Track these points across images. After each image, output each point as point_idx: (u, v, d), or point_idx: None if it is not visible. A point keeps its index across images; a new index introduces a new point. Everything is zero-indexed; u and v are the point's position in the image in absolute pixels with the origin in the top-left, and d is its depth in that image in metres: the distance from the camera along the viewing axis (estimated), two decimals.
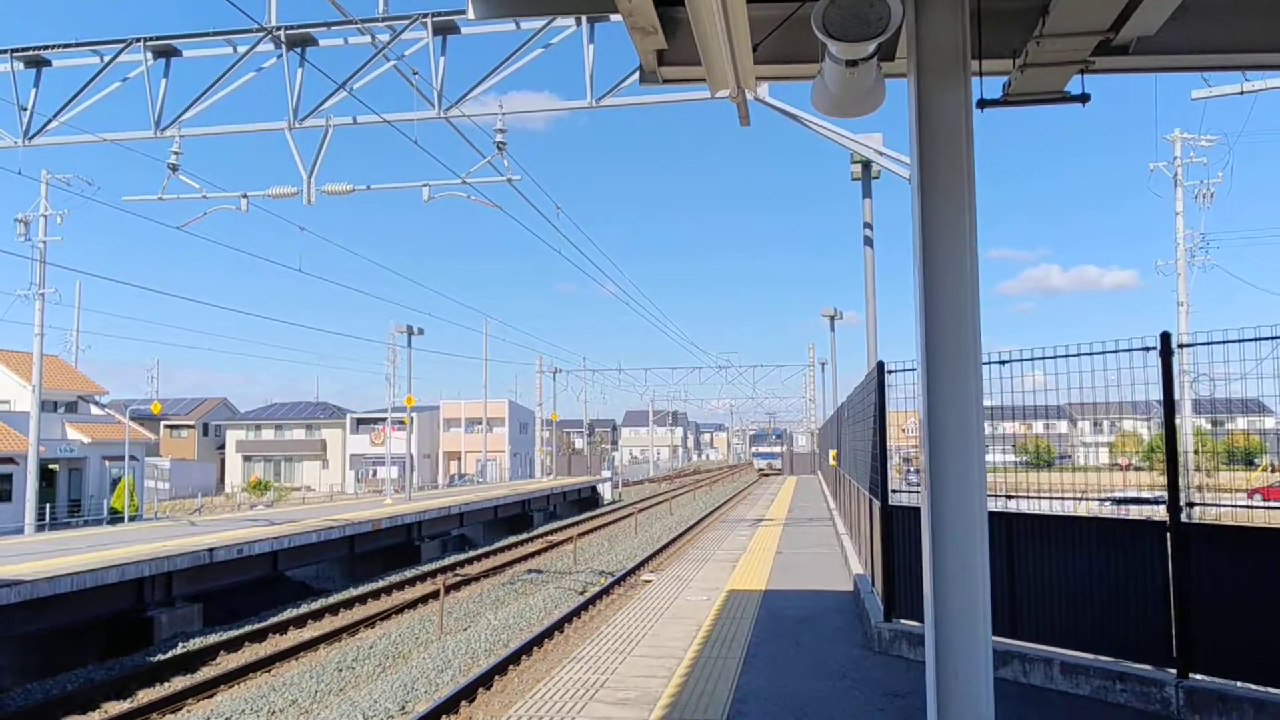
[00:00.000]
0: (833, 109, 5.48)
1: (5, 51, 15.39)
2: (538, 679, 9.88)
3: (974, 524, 4.75)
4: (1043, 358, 8.17)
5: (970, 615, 4.68)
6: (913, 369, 9.50)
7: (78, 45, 15.10)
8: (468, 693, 11.57)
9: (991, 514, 8.31)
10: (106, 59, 14.88)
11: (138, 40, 14.71)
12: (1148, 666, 7.14)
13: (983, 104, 5.45)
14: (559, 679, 8.14)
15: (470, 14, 6.07)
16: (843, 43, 4.67)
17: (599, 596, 18.86)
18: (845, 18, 4.60)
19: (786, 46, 5.44)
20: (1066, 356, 8.06)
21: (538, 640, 14.64)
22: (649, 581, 16.48)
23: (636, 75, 12.77)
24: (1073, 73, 5.25)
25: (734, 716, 6.96)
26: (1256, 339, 7.00)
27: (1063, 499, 9.32)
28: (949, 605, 4.71)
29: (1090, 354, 7.81)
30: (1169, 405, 7.27)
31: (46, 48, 15.24)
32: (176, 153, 15.88)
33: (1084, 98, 5.45)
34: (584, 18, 13.38)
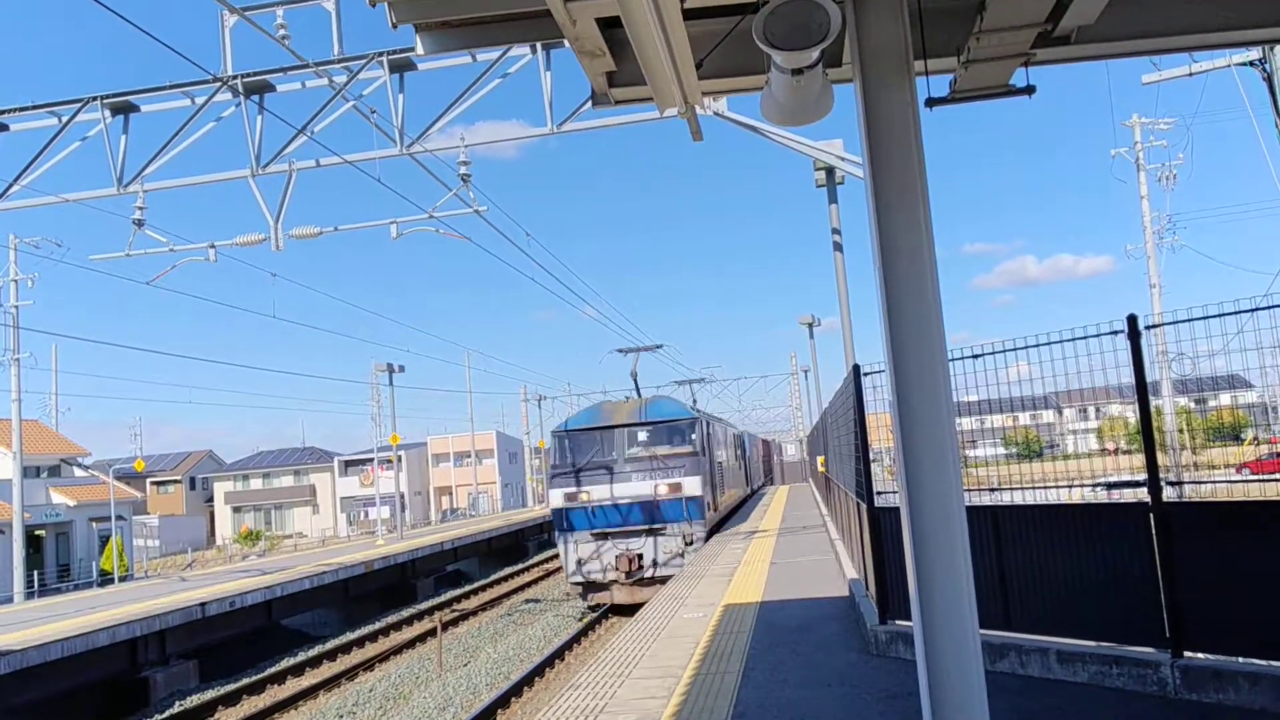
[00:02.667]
0: (782, 118, 5.52)
1: None
2: (539, 708, 9.80)
3: (953, 519, 4.76)
4: (1014, 349, 8.23)
5: (956, 611, 4.68)
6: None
7: (35, 108, 15.07)
8: None
9: (978, 508, 8.40)
10: (64, 119, 14.85)
11: (95, 99, 14.69)
12: (1142, 649, 7.15)
13: (931, 102, 5.51)
14: (560, 706, 8.09)
15: (419, 50, 6.09)
16: (786, 52, 4.71)
17: (597, 621, 18.76)
18: (787, 27, 4.65)
19: (732, 60, 5.49)
20: (1038, 346, 8.11)
21: (539, 670, 14.55)
22: (645, 601, 16.41)
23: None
24: (1015, 66, 5.32)
25: None
26: (1221, 314, 7.08)
27: (1055, 487, 9.38)
28: (934, 602, 4.71)
29: (1061, 341, 7.87)
30: (1141, 387, 7.33)
31: (3, 112, 15.20)
32: (141, 208, 15.82)
33: (1029, 89, 5.51)
34: (540, 45, 13.46)
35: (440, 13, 5.63)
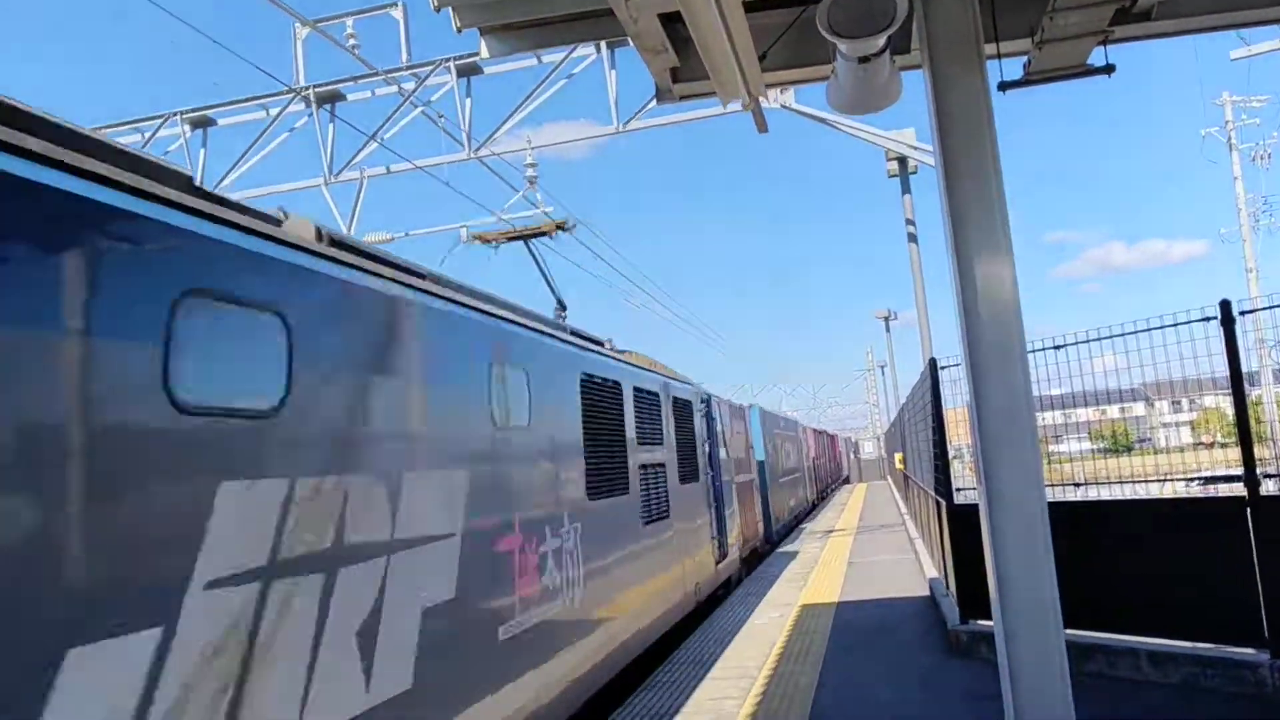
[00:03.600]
0: (850, 106, 5.41)
1: None
2: (613, 706, 9.77)
3: (1034, 517, 4.60)
4: (1099, 339, 7.95)
5: (1039, 610, 4.53)
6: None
7: (120, 125, 15.62)
8: None
9: (1063, 504, 8.12)
10: (147, 135, 15.36)
11: (175, 114, 15.18)
12: (1240, 649, 6.84)
13: (1004, 85, 5.34)
14: (634, 706, 8.06)
15: (484, 52, 6.13)
16: (851, 40, 4.62)
17: None
18: (850, 15, 4.55)
19: (795, 51, 5.40)
20: (1124, 335, 7.82)
21: None
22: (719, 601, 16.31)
23: None
24: (1093, 44, 5.12)
25: None
26: None
27: (1145, 482, 9.01)
28: (1015, 602, 4.56)
29: (1149, 330, 7.57)
30: (1235, 376, 7.00)
31: (92, 131, 15.78)
32: None
33: (1109, 68, 5.30)
34: (604, 45, 13.47)
35: (503, 16, 5.64)
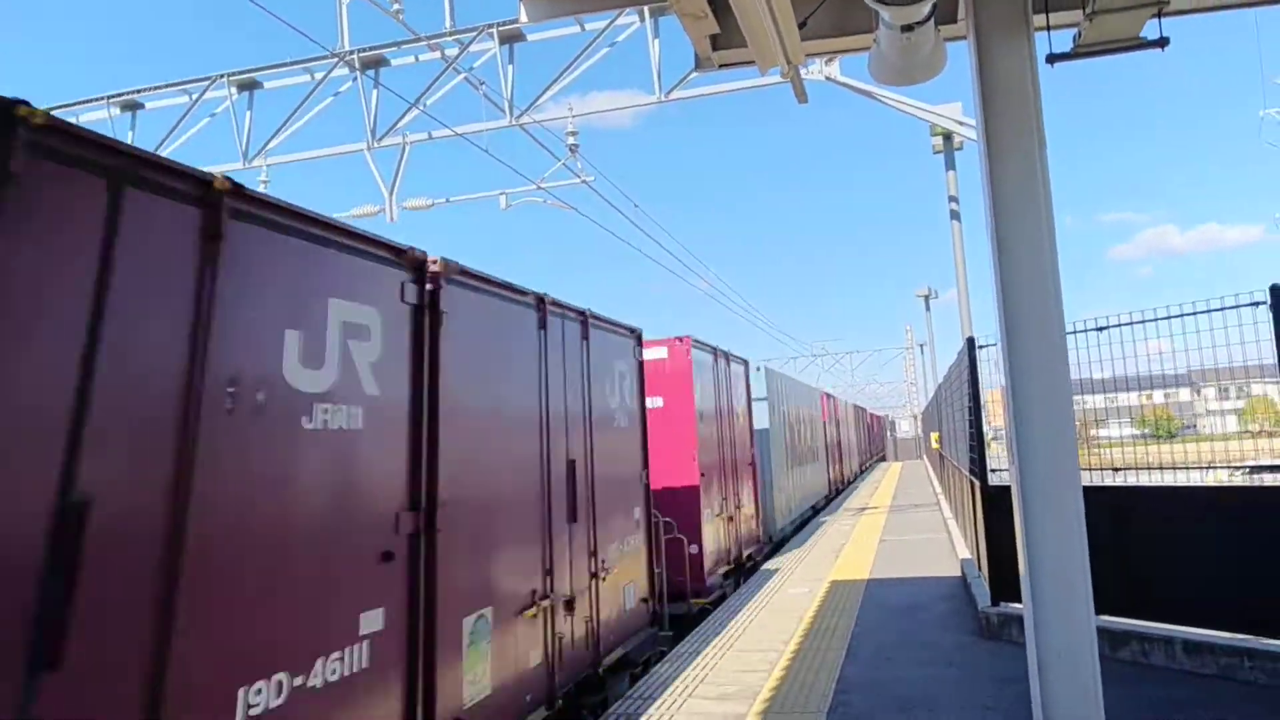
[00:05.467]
0: (893, 77, 5.30)
1: (104, 98, 16.20)
2: (636, 675, 9.84)
3: (1068, 499, 4.53)
4: (1142, 321, 7.77)
5: (1070, 594, 4.46)
6: None
7: (168, 86, 15.77)
8: None
9: (1101, 488, 7.99)
10: (194, 96, 15.50)
11: (222, 76, 15.28)
12: (1278, 642, 6.71)
13: (1052, 59, 5.19)
14: (659, 674, 8.11)
15: (523, 17, 6.09)
16: (895, 7, 4.51)
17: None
18: None
19: (838, 18, 5.29)
20: (1169, 318, 7.64)
21: None
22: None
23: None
24: (1147, 16, 4.95)
25: (836, 707, 6.80)
26: None
27: (1187, 469, 8.82)
28: (1047, 587, 4.50)
29: (1194, 314, 7.38)
30: None
31: (139, 91, 15.96)
32: (264, 181, 16.42)
33: (1162, 42, 5.13)
34: (647, 12, 13.33)
35: None
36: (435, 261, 5.52)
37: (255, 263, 4.11)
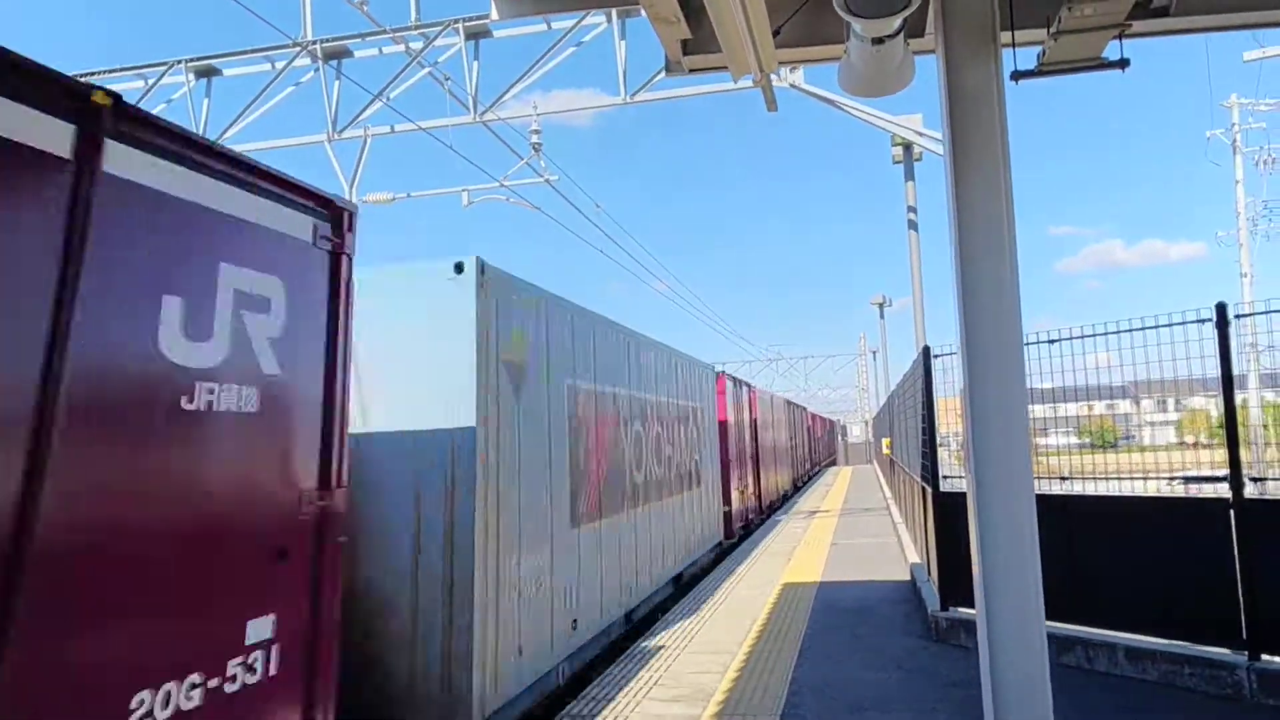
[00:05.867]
0: (861, 89, 5.37)
1: None
2: (588, 678, 9.85)
3: (1022, 507, 4.62)
4: (1093, 335, 7.96)
5: (1022, 601, 4.55)
6: (957, 353, 9.34)
7: (122, 70, 15.45)
8: None
9: (1049, 496, 8.17)
10: (150, 81, 15.21)
11: (180, 62, 15.01)
12: (1217, 649, 6.91)
13: (1017, 75, 5.29)
14: (612, 676, 8.12)
15: (494, 14, 6.07)
16: (866, 20, 4.58)
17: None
18: None
19: (809, 28, 5.35)
20: (1119, 333, 7.84)
21: None
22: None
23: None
24: (1109, 38, 5.08)
25: (790, 710, 6.87)
26: None
27: (1130, 479, 9.04)
28: (999, 592, 4.59)
29: (1143, 329, 7.59)
30: (1227, 379, 7.04)
31: (95, 74, 15.62)
32: None
33: (1123, 63, 5.26)
34: (614, 13, 13.35)
35: None
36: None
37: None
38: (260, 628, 3.97)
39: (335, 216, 4.64)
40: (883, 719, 6.59)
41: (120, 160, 3.35)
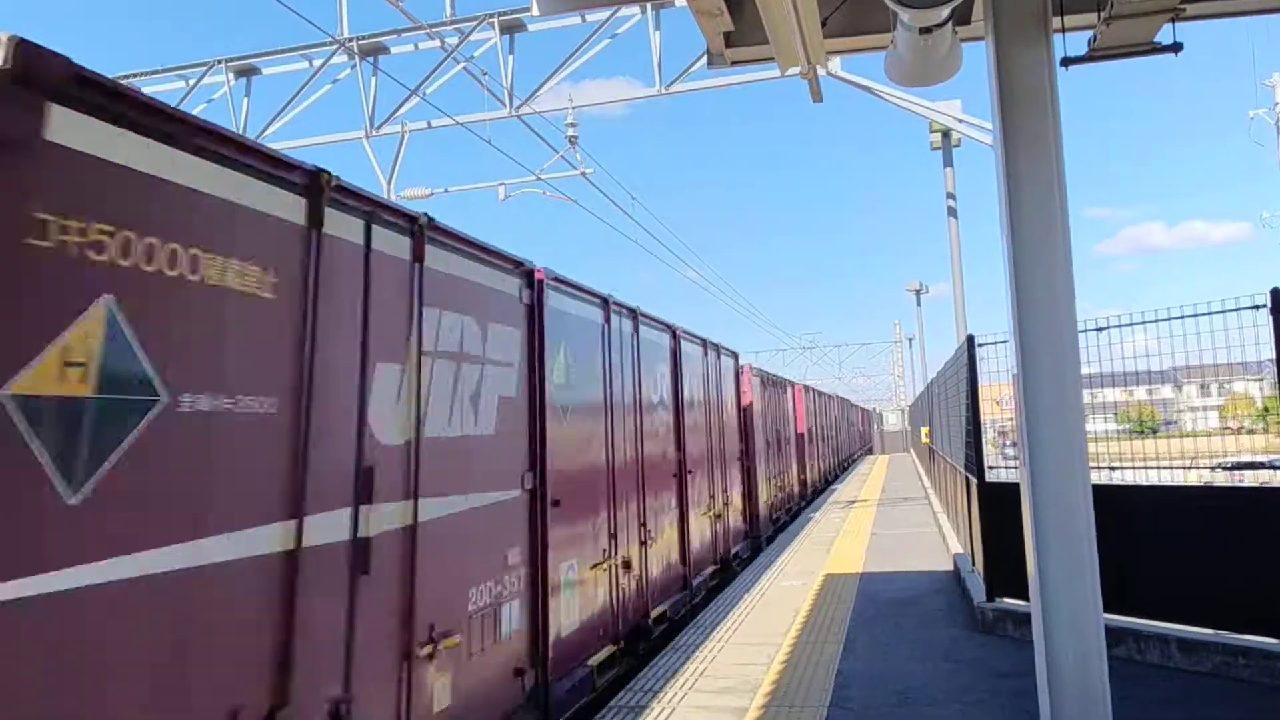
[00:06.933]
0: (908, 79, 5.33)
1: None
2: (636, 668, 9.91)
3: (1077, 498, 4.59)
4: (1143, 322, 7.86)
5: (1079, 593, 4.52)
6: (1003, 341, 9.24)
7: (164, 71, 15.67)
8: None
9: (1097, 486, 8.07)
10: (192, 82, 15.41)
11: (219, 62, 15.19)
12: (1274, 640, 6.81)
13: (1067, 62, 5.23)
14: (658, 666, 8.15)
15: (534, 10, 6.10)
16: (915, 9, 4.53)
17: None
18: None
19: (856, 18, 5.32)
20: (1169, 320, 7.72)
21: None
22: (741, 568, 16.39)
23: (704, 59, 12.64)
24: (1163, 21, 5.00)
25: (836, 702, 6.86)
26: None
27: (1170, 468, 8.93)
28: (1055, 584, 4.55)
29: (1195, 315, 7.46)
30: None
31: (136, 75, 15.84)
32: None
33: (1176, 47, 5.17)
34: (649, 5, 13.32)
35: None
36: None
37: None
38: None
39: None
40: (932, 711, 6.56)
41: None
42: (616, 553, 8.86)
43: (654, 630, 9.74)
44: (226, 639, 3.78)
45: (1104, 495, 7.85)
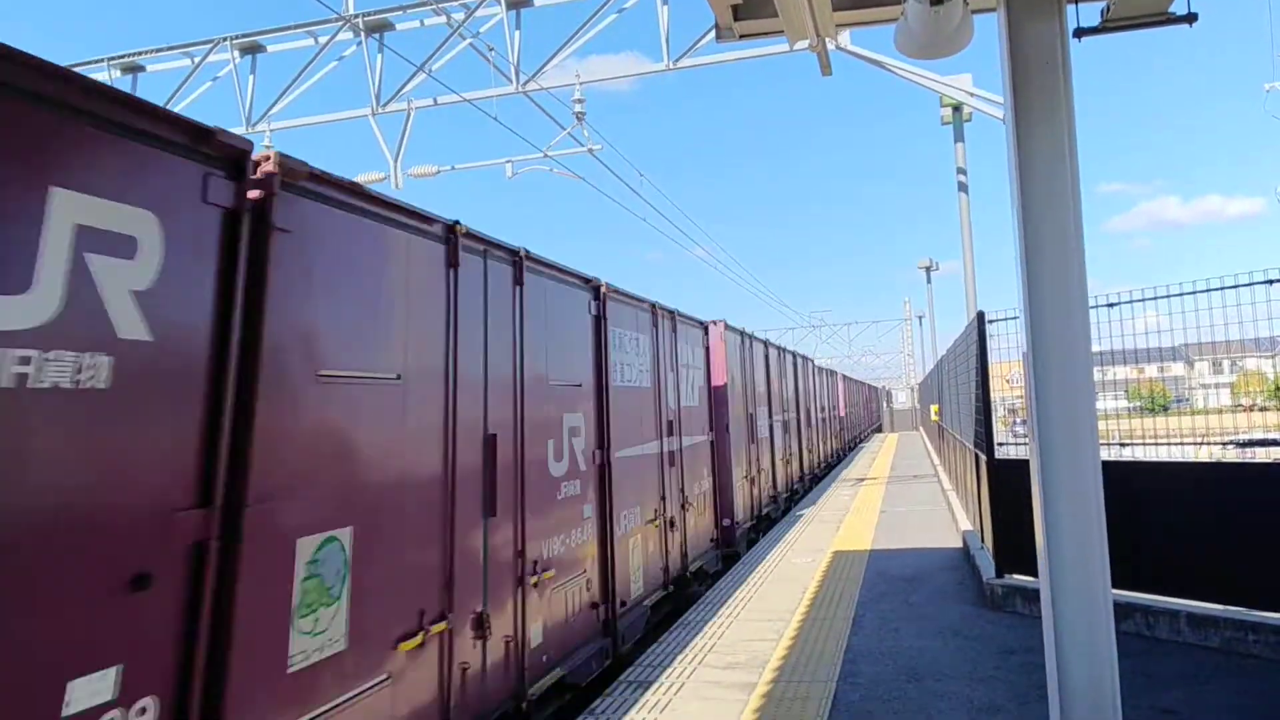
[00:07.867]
0: (918, 50, 5.26)
1: (104, 60, 16.01)
2: (645, 643, 9.96)
3: (1086, 474, 4.56)
4: (1154, 298, 7.79)
5: (1087, 569, 4.50)
6: (1014, 318, 9.20)
7: (170, 49, 15.60)
8: None
9: (1106, 462, 8.04)
10: (196, 60, 15.34)
11: (225, 39, 15.13)
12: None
13: (1080, 33, 5.16)
14: (667, 642, 8.19)
15: None
16: None
17: None
18: None
19: None
20: (1180, 295, 7.66)
21: None
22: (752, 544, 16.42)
23: (713, 33, 12.53)
24: None
25: (845, 676, 6.88)
26: None
27: (1181, 444, 8.90)
28: (1064, 559, 4.54)
29: (1206, 291, 7.40)
30: None
31: (140, 53, 15.79)
32: (268, 146, 16.30)
33: (1190, 17, 5.10)
34: None
35: None
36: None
37: None
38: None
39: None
40: (941, 686, 6.57)
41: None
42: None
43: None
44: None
45: (1114, 472, 7.86)
